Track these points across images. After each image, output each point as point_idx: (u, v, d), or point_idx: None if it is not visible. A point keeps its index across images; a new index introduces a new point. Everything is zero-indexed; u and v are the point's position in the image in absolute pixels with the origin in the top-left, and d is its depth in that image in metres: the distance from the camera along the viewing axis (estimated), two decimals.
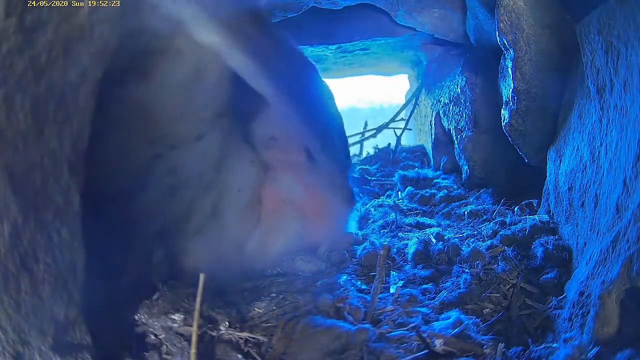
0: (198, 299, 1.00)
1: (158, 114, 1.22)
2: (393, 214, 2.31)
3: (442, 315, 1.28)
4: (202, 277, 1.01)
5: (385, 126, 3.97)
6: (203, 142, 1.37)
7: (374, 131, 3.99)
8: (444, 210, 2.41)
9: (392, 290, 1.44)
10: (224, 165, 1.46)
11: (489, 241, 1.79)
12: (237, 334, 1.08)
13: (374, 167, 3.54)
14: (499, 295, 1.42)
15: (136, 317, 1.05)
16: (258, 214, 1.59)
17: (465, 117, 2.67)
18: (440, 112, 3.10)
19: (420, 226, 2.17)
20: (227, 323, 1.08)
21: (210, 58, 1.24)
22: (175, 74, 1.23)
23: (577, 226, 1.55)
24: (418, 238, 1.86)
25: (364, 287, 1.48)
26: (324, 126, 1.59)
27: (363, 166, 3.50)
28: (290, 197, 1.60)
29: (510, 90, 1.97)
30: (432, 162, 3.37)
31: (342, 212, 1.67)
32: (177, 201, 1.35)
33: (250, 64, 1.26)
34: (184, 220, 1.39)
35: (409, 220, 2.23)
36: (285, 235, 1.55)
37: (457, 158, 2.86)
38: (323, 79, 1.77)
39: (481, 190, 2.53)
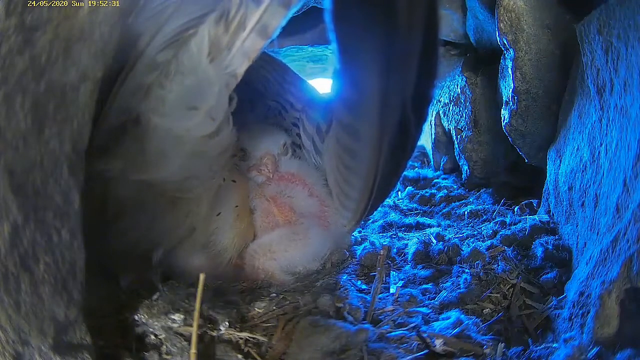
0: (198, 299, 1.00)
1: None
2: (393, 214, 2.31)
3: (442, 315, 1.27)
4: (202, 277, 1.01)
5: None
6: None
7: None
8: (444, 210, 2.41)
9: (392, 290, 1.44)
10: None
11: (489, 241, 1.78)
12: (237, 334, 1.07)
13: None
14: (499, 295, 1.41)
15: (136, 317, 1.05)
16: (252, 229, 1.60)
17: (465, 117, 2.67)
18: (440, 112, 3.10)
19: (420, 226, 2.16)
20: (227, 323, 1.08)
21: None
22: None
23: (577, 226, 1.55)
24: (418, 238, 1.86)
25: (364, 287, 1.48)
26: None
27: None
28: (305, 210, 1.60)
29: (510, 90, 1.97)
30: (432, 162, 3.37)
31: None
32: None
33: None
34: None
35: (409, 220, 2.23)
36: (305, 245, 1.55)
37: (457, 158, 2.86)
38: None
39: (481, 190, 2.53)
